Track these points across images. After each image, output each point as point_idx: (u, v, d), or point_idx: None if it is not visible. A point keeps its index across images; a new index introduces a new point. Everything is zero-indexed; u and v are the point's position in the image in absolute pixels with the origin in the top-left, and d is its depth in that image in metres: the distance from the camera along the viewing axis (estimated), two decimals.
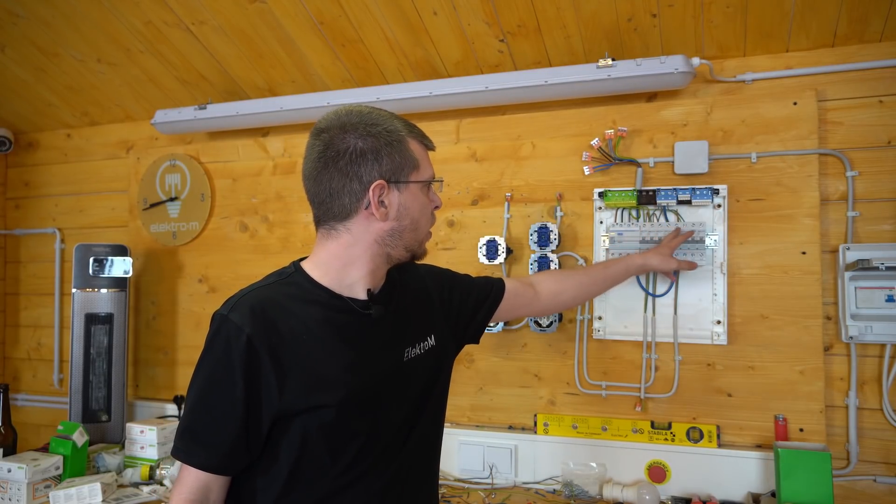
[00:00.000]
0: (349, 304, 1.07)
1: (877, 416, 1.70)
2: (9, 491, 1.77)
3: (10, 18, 2.14)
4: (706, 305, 1.82)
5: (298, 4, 1.89)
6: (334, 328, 1.04)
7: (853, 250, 1.70)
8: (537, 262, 1.92)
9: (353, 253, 1.06)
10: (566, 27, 1.82)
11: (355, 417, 1.02)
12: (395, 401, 1.09)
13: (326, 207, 1.06)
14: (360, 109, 1.07)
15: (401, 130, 1.06)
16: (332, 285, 1.07)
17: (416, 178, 1.07)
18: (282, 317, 1.01)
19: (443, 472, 2.00)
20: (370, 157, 1.02)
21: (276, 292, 1.04)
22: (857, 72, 1.74)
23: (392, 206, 1.05)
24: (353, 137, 1.02)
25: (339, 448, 1.02)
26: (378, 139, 1.03)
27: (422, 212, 1.10)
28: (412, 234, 1.09)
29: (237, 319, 0.98)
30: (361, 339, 1.07)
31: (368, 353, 1.07)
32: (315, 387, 0.99)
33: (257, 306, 1.00)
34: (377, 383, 1.06)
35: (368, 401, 1.04)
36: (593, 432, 1.90)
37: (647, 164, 1.89)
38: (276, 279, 1.08)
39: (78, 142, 2.75)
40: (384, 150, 1.03)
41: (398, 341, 1.12)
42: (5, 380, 2.80)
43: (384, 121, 1.05)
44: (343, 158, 1.02)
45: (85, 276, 2.31)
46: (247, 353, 0.97)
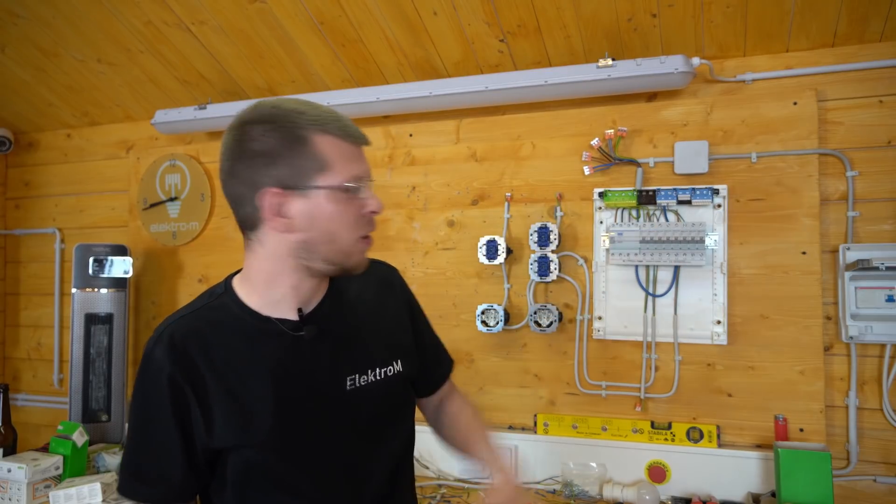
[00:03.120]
0: (278, 327, 0.96)
1: (877, 416, 1.70)
2: (9, 491, 1.77)
3: (10, 18, 2.14)
4: (706, 305, 1.82)
5: (298, 4, 1.89)
6: (260, 357, 0.95)
7: (853, 250, 1.70)
8: (537, 261, 1.92)
9: (270, 267, 0.95)
10: (566, 27, 1.82)
11: (290, 454, 0.94)
12: (340, 437, 0.98)
13: (237, 216, 0.95)
14: (277, 103, 0.93)
15: (307, 126, 0.90)
16: (259, 305, 0.96)
17: (323, 183, 0.90)
18: (203, 350, 0.93)
19: (443, 472, 2.00)
20: (263, 161, 0.89)
21: (200, 319, 0.96)
22: (857, 72, 1.74)
23: (296, 215, 0.90)
24: (257, 134, 0.89)
25: (282, 481, 0.95)
26: (276, 139, 0.89)
27: (338, 222, 0.92)
28: (328, 247, 0.93)
29: (159, 356, 0.92)
30: (292, 366, 0.96)
31: (302, 382, 0.96)
32: (239, 425, 0.92)
33: (178, 340, 0.93)
34: (313, 416, 0.96)
35: (301, 436, 0.95)
36: (593, 432, 1.90)
37: (647, 164, 1.89)
38: (205, 302, 0.99)
39: (78, 142, 2.75)
40: (282, 150, 0.88)
41: (339, 367, 0.99)
42: (5, 380, 2.80)
43: (291, 115, 0.90)
44: (242, 161, 0.90)
45: (85, 276, 2.30)
46: (171, 391, 0.91)
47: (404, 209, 2.16)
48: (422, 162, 2.14)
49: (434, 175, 2.13)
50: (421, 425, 2.06)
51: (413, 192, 2.15)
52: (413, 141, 2.16)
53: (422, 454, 2.02)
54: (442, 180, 2.12)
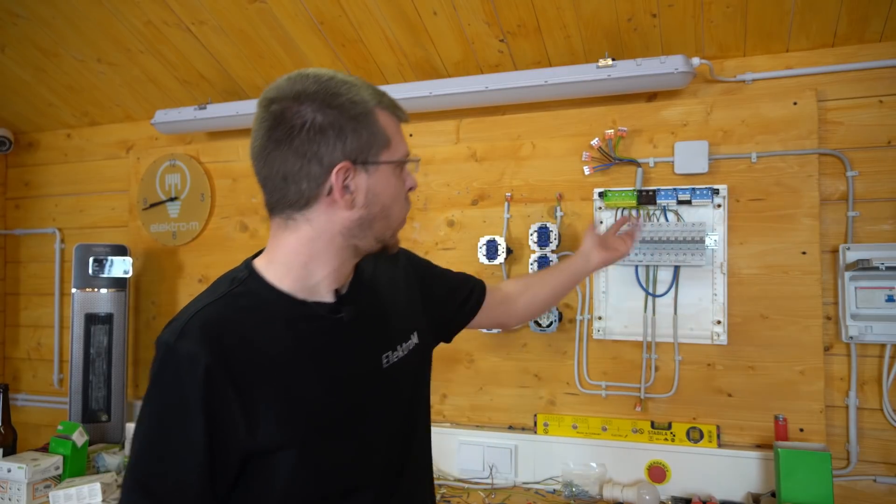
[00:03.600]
0: (315, 311, 0.91)
1: (877, 416, 1.70)
2: (9, 491, 1.77)
3: (11, 18, 2.14)
4: (706, 305, 1.82)
5: (298, 4, 1.89)
6: (302, 343, 0.89)
7: (853, 250, 1.70)
8: (537, 261, 1.92)
9: (314, 248, 0.90)
10: (566, 27, 1.82)
11: (341, 440, 0.90)
12: (382, 414, 0.97)
13: (281, 194, 0.88)
14: (319, 74, 0.88)
15: (368, 101, 0.88)
16: (294, 289, 0.91)
17: (387, 159, 0.90)
18: (240, 338, 0.85)
19: (443, 472, 2.00)
20: (332, 134, 0.85)
21: (229, 307, 0.87)
22: (857, 72, 1.74)
23: (359, 191, 0.88)
24: (311, 110, 0.85)
25: (329, 474, 0.89)
26: (341, 112, 0.85)
27: (394, 197, 0.93)
28: (383, 223, 0.93)
29: (189, 347, 0.81)
30: (334, 350, 0.92)
31: (344, 365, 0.93)
32: (291, 417, 0.85)
33: (211, 328, 0.83)
34: (358, 398, 0.93)
35: (353, 420, 0.92)
36: (593, 432, 1.90)
37: (647, 164, 1.89)
38: (227, 289, 0.90)
39: (78, 142, 2.75)
40: (348, 125, 0.86)
41: (375, 346, 0.98)
42: (5, 380, 2.80)
43: (348, 89, 0.87)
44: (299, 136, 0.84)
45: (85, 276, 2.30)
46: (206, 386, 0.80)
47: None
48: (422, 162, 2.14)
49: (434, 175, 2.13)
50: None
51: (413, 192, 2.15)
52: (413, 141, 2.16)
53: None
54: (442, 180, 2.12)
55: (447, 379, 2.08)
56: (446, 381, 2.09)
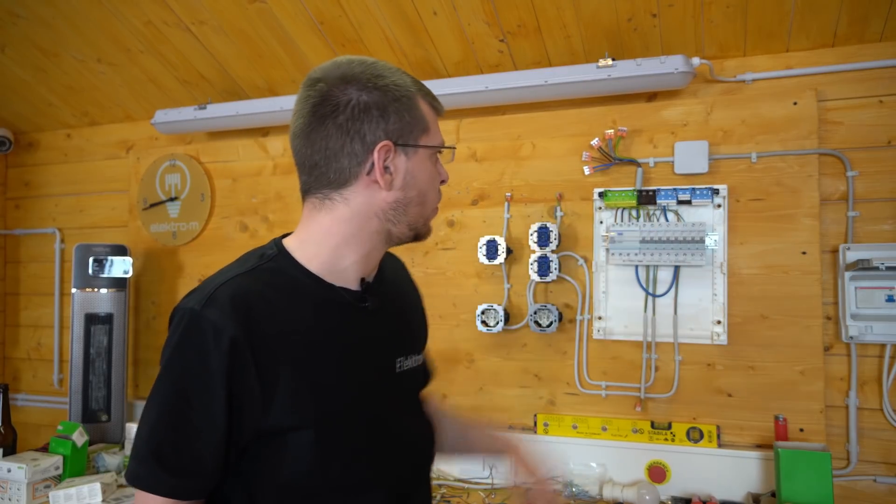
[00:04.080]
0: (342, 296, 0.90)
1: (877, 416, 1.70)
2: (9, 491, 1.77)
3: (11, 18, 2.14)
4: (706, 305, 1.82)
5: (298, 4, 1.89)
6: (326, 327, 0.88)
7: (853, 250, 1.70)
8: (537, 261, 1.92)
9: (348, 230, 0.90)
10: (566, 27, 1.82)
11: (353, 431, 0.88)
12: (393, 417, 0.95)
13: (320, 172, 0.89)
14: (364, 59, 0.91)
15: (410, 87, 0.91)
16: (322, 271, 0.90)
17: (426, 143, 0.92)
18: (267, 313, 0.83)
19: (443, 472, 2.00)
20: (375, 114, 0.87)
21: (257, 281, 0.86)
22: (857, 72, 1.74)
23: (398, 172, 0.89)
24: (356, 89, 0.87)
25: (338, 465, 0.87)
26: (385, 93, 0.88)
27: (430, 183, 0.94)
28: (418, 209, 0.93)
29: (216, 316, 0.80)
30: (355, 339, 0.91)
31: (362, 357, 0.91)
32: (307, 399, 0.84)
33: (239, 299, 0.82)
34: (372, 394, 0.92)
35: (366, 415, 0.90)
36: (593, 432, 1.90)
37: (647, 164, 1.89)
38: (257, 263, 0.89)
39: (78, 142, 2.75)
40: (391, 106, 0.88)
41: (391, 347, 0.97)
42: (5, 380, 2.80)
43: (392, 74, 0.90)
44: (343, 113, 0.86)
45: (85, 276, 2.30)
46: (230, 357, 0.79)
47: None
48: None
49: None
50: None
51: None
52: None
53: None
54: None
55: (447, 379, 2.08)
56: (446, 381, 2.08)
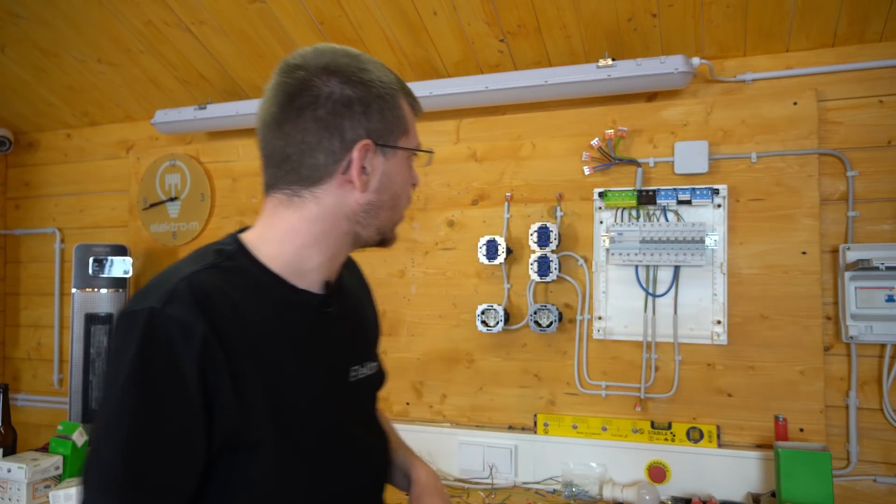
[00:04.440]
0: (306, 299, 0.85)
1: (877, 416, 1.70)
2: (9, 491, 1.77)
3: (11, 18, 2.14)
4: (706, 305, 1.82)
5: (298, 4, 1.89)
6: (289, 331, 0.82)
7: (853, 250, 1.70)
8: (537, 261, 1.92)
9: (316, 230, 0.84)
10: (566, 27, 1.82)
11: (312, 443, 0.83)
12: (351, 430, 0.90)
13: (291, 167, 0.83)
14: (348, 50, 0.85)
15: (394, 84, 0.85)
16: (285, 272, 0.83)
17: (405, 145, 0.87)
18: (231, 313, 0.76)
19: (443, 472, 2.00)
20: (358, 110, 0.81)
21: (217, 278, 0.78)
22: (857, 72, 1.74)
23: (375, 174, 0.84)
24: (339, 82, 0.81)
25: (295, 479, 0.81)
26: (369, 89, 0.82)
27: (404, 187, 0.90)
28: (389, 213, 0.88)
29: (181, 314, 0.71)
30: (316, 346, 0.86)
31: (322, 363, 0.86)
32: (272, 409, 0.77)
33: (203, 296, 0.74)
34: (331, 404, 0.87)
35: (324, 423, 0.85)
36: (593, 432, 1.90)
37: (647, 164, 1.89)
38: (215, 260, 0.81)
39: (78, 142, 2.75)
40: (375, 103, 0.82)
41: (347, 355, 0.92)
42: (5, 380, 2.80)
43: (376, 69, 0.84)
44: (324, 106, 0.80)
45: (85, 276, 2.30)
46: (203, 357, 0.71)
47: None
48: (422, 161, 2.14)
49: (434, 175, 2.13)
50: (419, 425, 2.07)
51: (413, 191, 2.15)
52: None
53: (422, 454, 2.02)
54: (442, 180, 2.12)
55: (447, 379, 2.08)
56: (446, 381, 2.09)
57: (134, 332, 0.71)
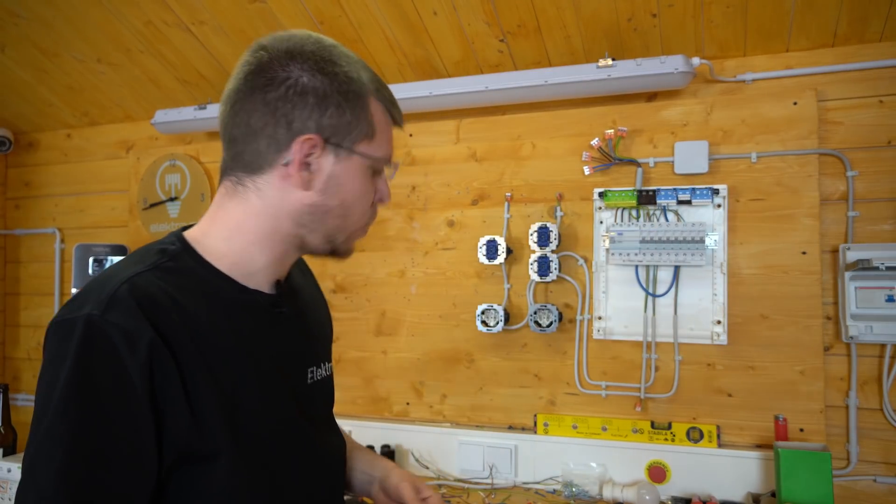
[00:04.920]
0: (256, 300, 0.80)
1: (877, 416, 1.70)
2: (9, 491, 1.77)
3: (11, 19, 2.14)
4: (706, 305, 1.82)
5: (298, 4, 1.89)
6: (238, 333, 0.77)
7: (853, 250, 1.70)
8: (537, 261, 1.92)
9: (260, 227, 0.79)
10: (566, 27, 1.82)
11: (269, 451, 0.79)
12: (310, 435, 0.86)
13: (238, 150, 0.78)
14: (323, 39, 0.80)
15: (366, 84, 0.79)
16: (234, 272, 0.79)
17: (364, 151, 0.79)
18: (178, 317, 0.71)
19: (443, 472, 2.00)
20: (311, 101, 0.75)
21: (161, 280, 0.73)
22: (857, 72, 1.74)
23: (320, 173, 0.78)
24: (298, 68, 0.76)
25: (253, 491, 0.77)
26: (331, 82, 0.76)
27: (358, 197, 0.81)
28: (338, 222, 0.81)
29: (125, 320, 0.66)
30: (271, 347, 0.81)
31: (276, 366, 0.82)
32: (225, 417, 0.72)
33: (148, 299, 0.69)
34: (288, 407, 0.83)
35: (280, 428, 0.81)
36: (593, 432, 1.90)
37: (647, 164, 1.89)
38: (157, 260, 0.75)
39: (78, 142, 2.75)
40: (334, 97, 0.76)
41: (303, 356, 0.88)
42: (5, 380, 2.80)
43: (348, 64, 0.78)
44: (276, 90, 0.75)
45: (85, 276, 2.30)
46: (151, 367, 0.66)
47: (404, 209, 2.16)
48: (422, 162, 2.14)
49: (434, 175, 2.13)
50: (419, 425, 2.07)
51: (413, 192, 2.15)
52: (413, 141, 2.16)
53: (422, 454, 2.03)
54: (442, 180, 2.12)
55: (447, 379, 2.08)
56: (446, 381, 2.09)
57: (70, 343, 0.65)
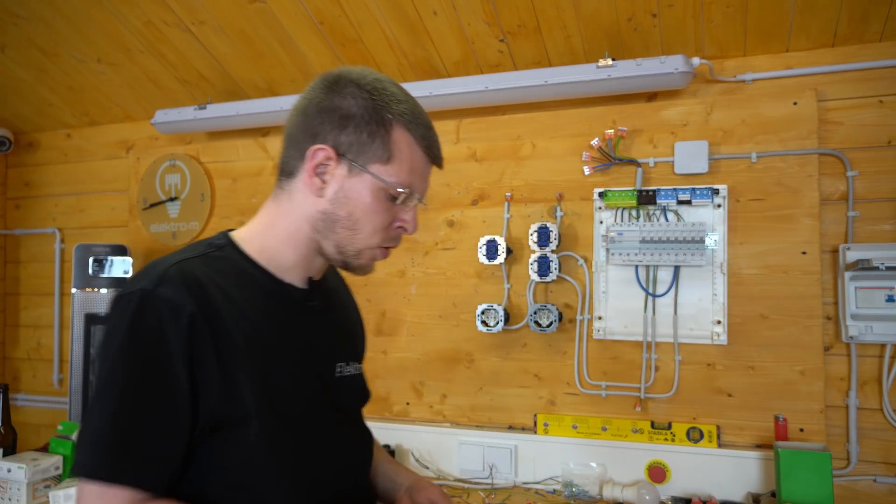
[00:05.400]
0: (289, 292, 0.90)
1: (877, 416, 1.70)
2: (9, 491, 1.77)
3: (11, 19, 2.14)
4: (706, 305, 1.82)
5: (298, 4, 1.89)
6: (274, 319, 0.87)
7: (853, 250, 1.70)
8: (537, 261, 1.92)
9: (288, 226, 0.90)
10: (566, 27, 1.82)
11: (291, 426, 0.86)
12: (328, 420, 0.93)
13: (282, 157, 0.91)
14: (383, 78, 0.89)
15: (396, 116, 0.86)
16: (271, 266, 0.90)
17: (376, 171, 0.86)
18: (219, 297, 0.81)
19: (443, 472, 2.00)
20: (336, 119, 0.85)
21: (207, 266, 0.84)
22: (857, 72, 1.74)
23: (332, 183, 0.87)
24: (346, 93, 0.86)
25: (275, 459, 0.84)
26: (360, 106, 0.85)
27: (367, 213, 0.88)
28: (347, 234, 0.88)
29: (171, 294, 0.77)
30: (299, 336, 0.90)
31: (305, 354, 0.90)
32: (253, 389, 0.81)
33: (193, 279, 0.80)
34: (311, 391, 0.90)
35: (304, 408, 0.88)
36: (593, 432, 1.90)
37: (647, 164, 1.89)
38: (206, 251, 0.88)
39: (78, 142, 2.75)
40: (357, 119, 0.85)
41: (332, 350, 0.96)
42: (5, 380, 2.79)
43: (389, 97, 0.87)
44: (317, 107, 0.87)
45: (85, 276, 2.30)
46: (190, 335, 0.77)
47: None
48: None
49: (434, 175, 2.11)
50: (419, 425, 2.07)
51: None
52: None
53: (422, 454, 2.02)
54: (442, 180, 2.12)
55: (447, 379, 2.08)
56: (446, 381, 2.09)
57: (127, 312, 0.77)
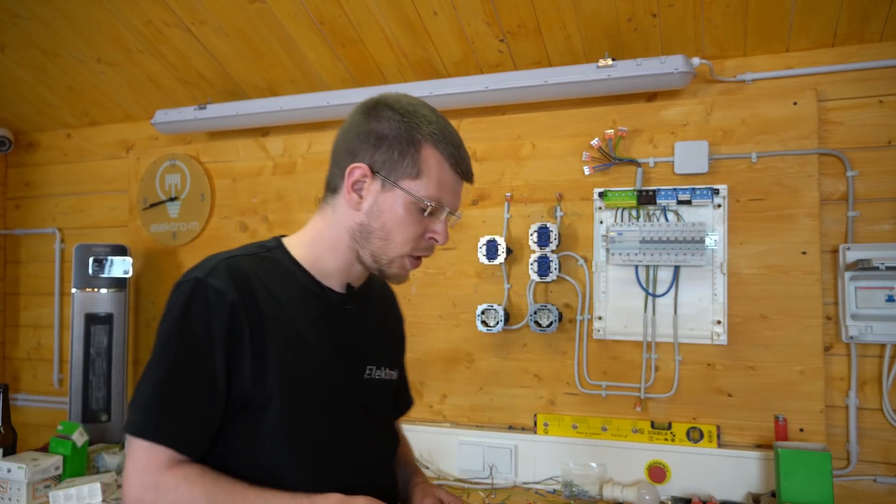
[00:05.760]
0: (327, 294, 1.00)
1: (877, 416, 1.70)
2: (9, 491, 1.77)
3: (11, 19, 2.14)
4: (706, 305, 1.82)
5: (298, 4, 1.89)
6: (310, 316, 0.97)
7: (853, 250, 1.70)
8: (537, 261, 1.92)
9: (330, 237, 1.01)
10: (566, 27, 1.82)
11: (317, 415, 0.95)
12: (354, 417, 1.01)
13: (328, 174, 1.02)
14: (418, 103, 0.99)
15: (426, 136, 0.95)
16: (313, 270, 1.00)
17: (407, 187, 0.95)
18: (261, 291, 0.93)
19: (443, 472, 2.00)
20: (373, 141, 0.95)
21: (255, 264, 0.96)
22: (857, 72, 1.74)
23: (368, 197, 0.97)
24: (382, 116, 0.96)
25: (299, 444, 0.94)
26: (396, 129, 0.95)
27: (399, 225, 0.97)
28: (381, 244, 0.98)
29: (218, 284, 0.90)
30: (334, 335, 1.00)
31: (338, 353, 1.00)
32: (283, 376, 0.91)
33: (239, 272, 0.92)
34: (338, 387, 0.99)
35: (330, 402, 0.98)
36: (593, 432, 1.90)
37: (647, 164, 1.89)
38: (257, 251, 1.00)
39: (78, 142, 2.75)
40: (390, 140, 0.95)
41: (364, 353, 1.05)
42: (5, 380, 2.79)
43: (420, 119, 0.96)
44: (358, 129, 0.97)
45: (85, 276, 2.30)
46: (230, 321, 0.88)
47: None
48: None
49: None
50: (419, 425, 2.07)
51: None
52: None
53: (422, 454, 2.02)
54: None
55: (447, 379, 2.08)
56: (446, 381, 2.09)
57: (181, 296, 0.90)
